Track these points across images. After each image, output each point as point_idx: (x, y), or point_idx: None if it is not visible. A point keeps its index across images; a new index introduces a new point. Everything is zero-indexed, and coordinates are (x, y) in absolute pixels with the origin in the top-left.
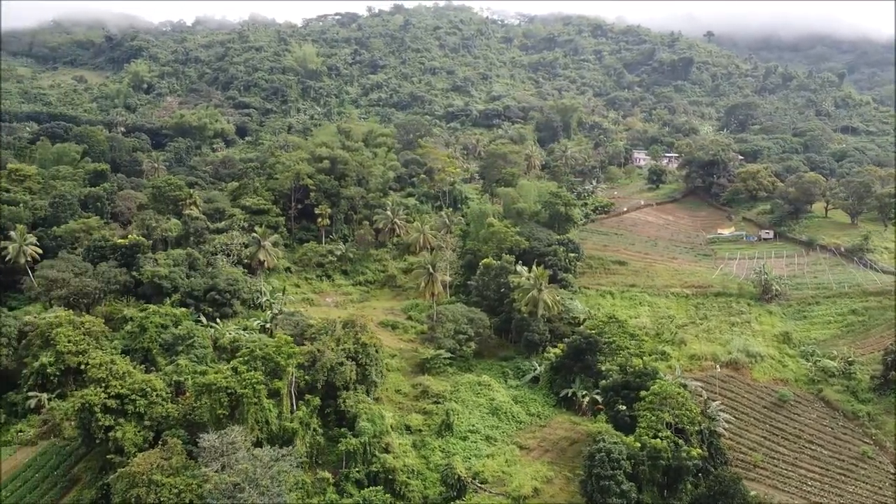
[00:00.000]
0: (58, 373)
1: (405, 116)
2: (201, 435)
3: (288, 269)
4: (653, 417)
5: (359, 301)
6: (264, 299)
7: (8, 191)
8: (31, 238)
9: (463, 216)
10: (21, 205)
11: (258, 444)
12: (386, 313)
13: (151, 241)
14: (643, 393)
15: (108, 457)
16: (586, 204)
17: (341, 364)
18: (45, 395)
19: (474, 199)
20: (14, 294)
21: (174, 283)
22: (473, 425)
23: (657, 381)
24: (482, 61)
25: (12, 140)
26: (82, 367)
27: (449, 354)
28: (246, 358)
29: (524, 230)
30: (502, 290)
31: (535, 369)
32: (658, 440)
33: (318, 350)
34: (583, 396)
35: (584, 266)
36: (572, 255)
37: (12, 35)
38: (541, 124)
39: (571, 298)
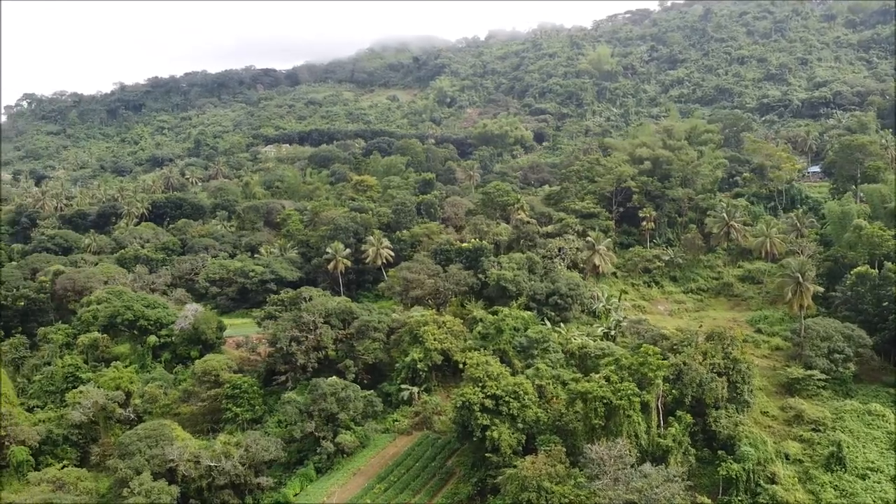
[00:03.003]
0: (426, 368)
1: (711, 112)
2: (587, 445)
3: (613, 274)
4: None
5: (694, 310)
6: (600, 305)
7: (354, 199)
8: (385, 241)
9: (821, 218)
10: (370, 212)
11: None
12: (729, 325)
13: (492, 245)
14: None
15: (486, 455)
16: None
17: (711, 379)
18: (415, 389)
19: (822, 200)
20: (363, 292)
21: (518, 286)
22: (873, 462)
23: None
24: (799, 44)
25: (347, 155)
26: (459, 365)
27: (822, 375)
28: (612, 367)
29: None
30: (884, 303)
31: None
32: None
33: (684, 363)
34: None
35: None
36: None
37: (337, 64)
38: (883, 111)
39: None
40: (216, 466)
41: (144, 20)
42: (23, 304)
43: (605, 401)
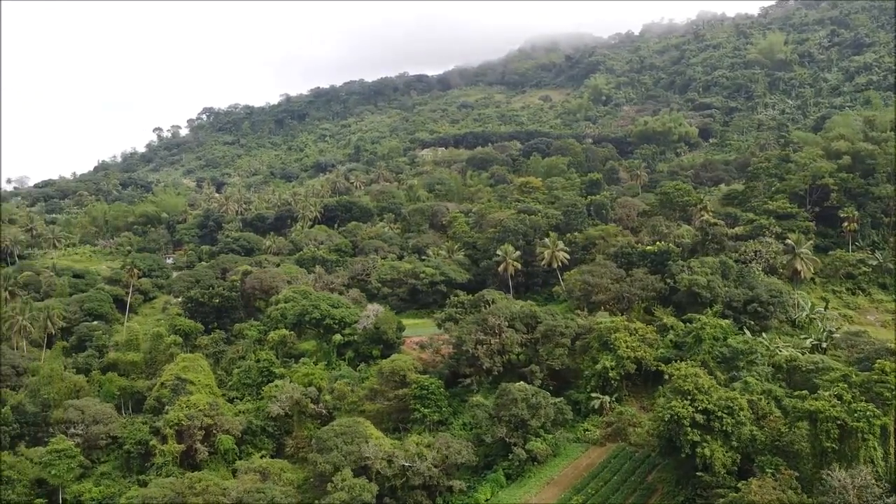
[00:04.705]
0: (617, 377)
1: None
2: (824, 471)
3: (812, 280)
4: None
5: None
6: (803, 314)
7: (520, 201)
8: (560, 244)
9: None
10: (538, 214)
11: None
12: None
13: (680, 249)
14: None
15: (695, 473)
16: None
17: None
18: (606, 398)
19: None
20: (532, 295)
21: (713, 292)
22: None
23: None
24: None
25: (504, 157)
26: (666, 375)
27: None
28: (842, 384)
29: None
30: None
31: None
32: None
33: None
34: None
35: None
36: None
37: (487, 67)
38: None
39: None
40: (410, 466)
41: (303, 35)
42: (218, 301)
43: (838, 422)
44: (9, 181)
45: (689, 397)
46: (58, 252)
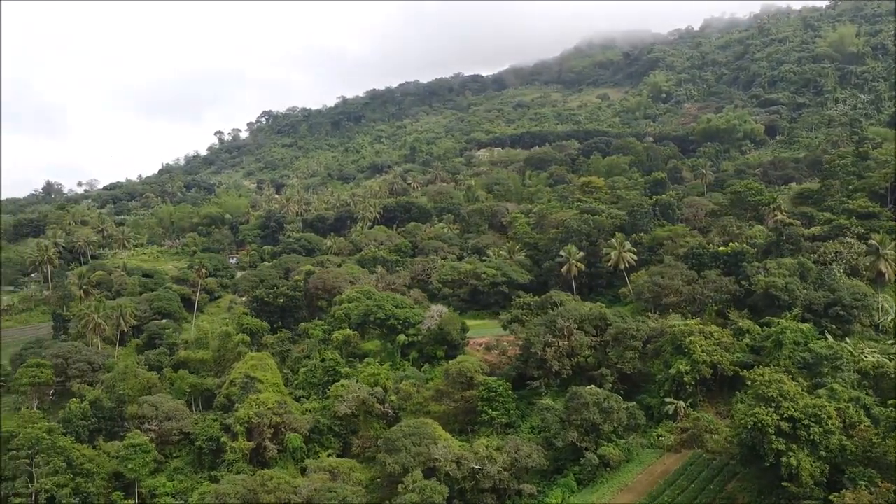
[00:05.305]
0: (692, 382)
1: None
2: None
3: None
4: None
5: None
6: (888, 318)
7: (581, 201)
8: (628, 245)
9: None
10: (602, 214)
11: None
12: None
13: (755, 250)
14: None
15: (781, 484)
16: None
17: None
18: (681, 403)
19: None
20: (595, 296)
21: (791, 294)
22: None
23: None
24: None
25: (563, 156)
26: (748, 381)
27: None
28: None
29: None
30: None
31: None
32: None
33: None
34: None
35: None
36: None
37: (543, 66)
38: None
39: None
40: (480, 469)
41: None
42: (282, 301)
43: None
44: (79, 184)
45: (773, 404)
46: (127, 252)
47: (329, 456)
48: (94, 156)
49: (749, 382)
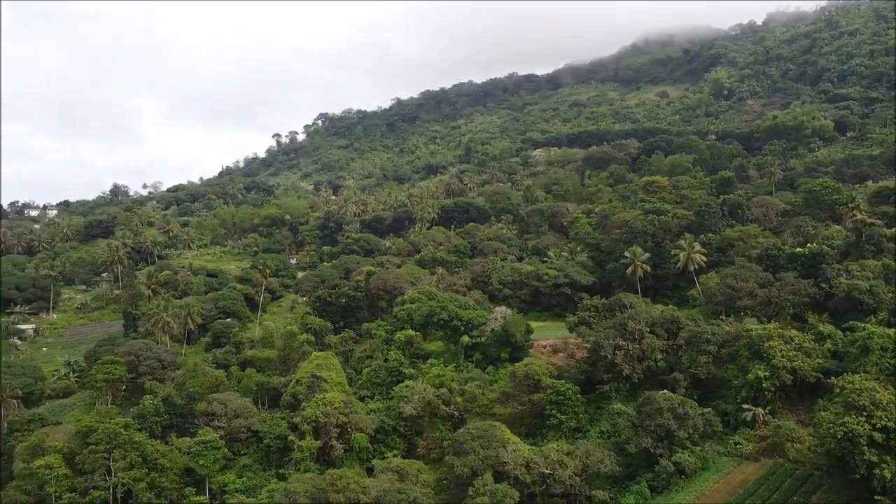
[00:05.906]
0: (771, 388)
1: None
2: None
3: None
4: None
5: None
6: None
7: (645, 201)
8: (697, 246)
9: None
10: (667, 214)
11: None
12: None
13: (834, 251)
14: None
15: (875, 497)
16: None
17: None
18: (759, 410)
19: None
20: (661, 298)
21: (876, 298)
22: None
23: None
24: None
25: (623, 156)
26: (836, 388)
27: None
28: None
29: None
30: None
31: None
32: None
33: None
34: None
35: None
36: None
37: (599, 64)
38: None
39: None
40: (551, 474)
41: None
42: (344, 301)
43: None
44: (144, 186)
45: (864, 413)
46: (192, 252)
47: (395, 456)
48: (157, 158)
49: (837, 390)
